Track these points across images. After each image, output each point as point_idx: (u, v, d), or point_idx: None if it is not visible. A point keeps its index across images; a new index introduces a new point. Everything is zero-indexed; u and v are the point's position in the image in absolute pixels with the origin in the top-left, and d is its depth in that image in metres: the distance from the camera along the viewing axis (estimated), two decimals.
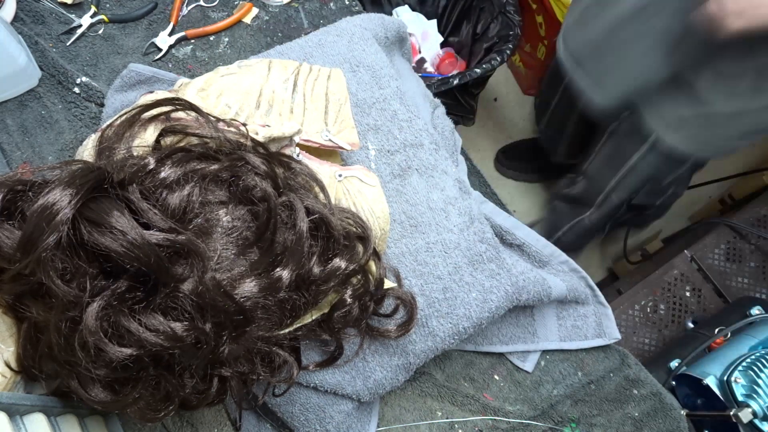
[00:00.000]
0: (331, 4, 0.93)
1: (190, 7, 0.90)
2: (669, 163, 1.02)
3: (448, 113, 0.85)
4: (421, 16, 1.50)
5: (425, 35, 1.48)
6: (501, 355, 0.79)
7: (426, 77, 1.37)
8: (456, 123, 1.23)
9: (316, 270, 0.49)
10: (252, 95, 0.59)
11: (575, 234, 1.33)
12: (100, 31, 0.87)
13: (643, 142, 1.02)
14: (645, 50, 0.87)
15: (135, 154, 0.48)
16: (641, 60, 0.89)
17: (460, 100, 1.29)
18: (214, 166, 0.47)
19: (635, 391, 0.79)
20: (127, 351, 0.41)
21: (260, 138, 0.53)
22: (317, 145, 0.60)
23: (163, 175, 0.45)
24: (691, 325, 1.22)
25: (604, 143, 1.11)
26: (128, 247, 0.39)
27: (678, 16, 0.79)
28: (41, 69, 0.83)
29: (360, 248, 0.54)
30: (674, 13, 0.80)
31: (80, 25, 0.86)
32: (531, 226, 1.74)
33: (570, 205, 1.31)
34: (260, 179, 0.48)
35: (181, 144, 0.50)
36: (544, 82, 1.30)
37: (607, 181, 1.13)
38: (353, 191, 0.60)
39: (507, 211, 0.84)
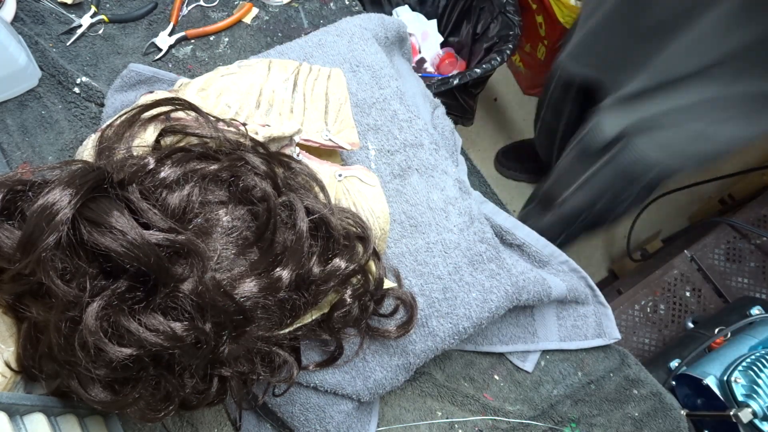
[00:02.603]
0: (331, 4, 0.93)
1: (190, 7, 0.90)
2: (622, 180, 1.00)
3: (448, 113, 0.85)
4: (421, 16, 1.50)
5: (425, 35, 1.48)
6: (501, 355, 0.79)
7: (426, 77, 1.37)
8: (456, 123, 1.23)
9: (316, 270, 0.49)
10: (252, 95, 0.59)
11: None
12: (100, 31, 0.87)
13: (600, 157, 0.99)
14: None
15: (135, 154, 0.48)
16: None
17: (460, 100, 1.29)
18: (214, 166, 0.47)
19: (635, 391, 0.79)
20: (127, 351, 0.41)
21: (260, 138, 0.53)
22: (317, 145, 0.60)
23: (162, 175, 0.45)
24: (691, 325, 1.22)
25: (573, 147, 1.09)
26: (128, 247, 0.39)
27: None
28: (41, 69, 0.83)
29: (360, 248, 0.54)
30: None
31: (80, 25, 0.86)
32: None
33: (537, 206, 1.30)
34: (260, 179, 0.48)
35: (181, 144, 0.50)
36: (543, 90, 1.30)
37: (566, 187, 1.11)
38: (353, 191, 0.60)
39: (507, 211, 0.84)
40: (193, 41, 0.88)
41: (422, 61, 1.47)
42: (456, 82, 1.17)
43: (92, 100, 0.82)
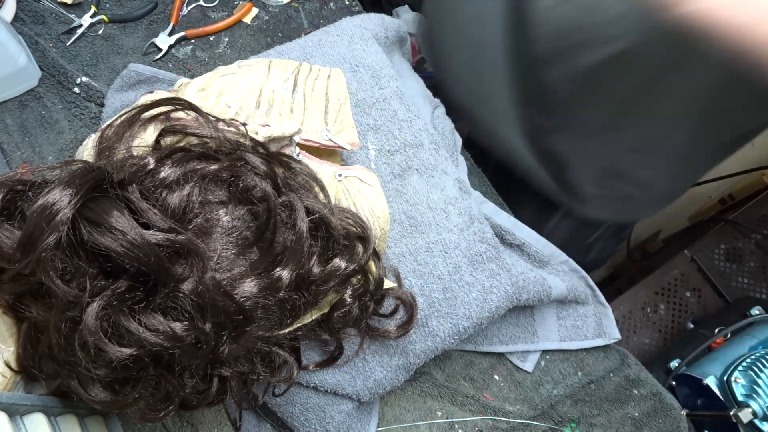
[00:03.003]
0: (331, 4, 0.93)
1: (190, 7, 0.90)
2: (584, 228, 0.94)
3: (447, 113, 0.85)
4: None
5: None
6: (501, 355, 0.79)
7: (426, 77, 1.37)
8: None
9: (316, 270, 0.49)
10: (252, 95, 0.59)
11: None
12: (100, 31, 0.87)
13: (556, 210, 0.93)
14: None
15: (135, 154, 0.48)
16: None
17: None
18: (214, 166, 0.47)
19: (635, 391, 0.79)
20: (127, 351, 0.41)
21: (260, 138, 0.53)
22: (317, 145, 0.60)
23: (162, 174, 0.45)
24: (691, 325, 1.22)
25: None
26: (128, 247, 0.39)
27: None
28: (41, 69, 0.83)
29: (360, 248, 0.54)
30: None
31: (80, 25, 0.86)
32: None
33: None
34: (260, 179, 0.48)
35: (181, 144, 0.50)
36: None
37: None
38: (353, 191, 0.60)
39: (507, 211, 0.84)
40: (193, 41, 0.88)
41: (422, 61, 1.47)
42: None
43: (92, 100, 0.82)
